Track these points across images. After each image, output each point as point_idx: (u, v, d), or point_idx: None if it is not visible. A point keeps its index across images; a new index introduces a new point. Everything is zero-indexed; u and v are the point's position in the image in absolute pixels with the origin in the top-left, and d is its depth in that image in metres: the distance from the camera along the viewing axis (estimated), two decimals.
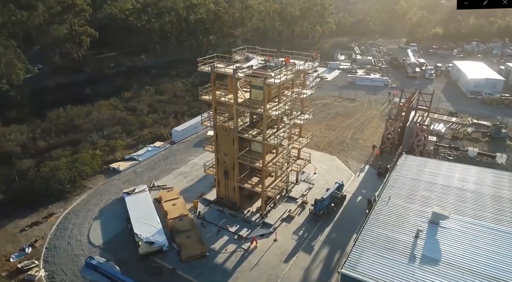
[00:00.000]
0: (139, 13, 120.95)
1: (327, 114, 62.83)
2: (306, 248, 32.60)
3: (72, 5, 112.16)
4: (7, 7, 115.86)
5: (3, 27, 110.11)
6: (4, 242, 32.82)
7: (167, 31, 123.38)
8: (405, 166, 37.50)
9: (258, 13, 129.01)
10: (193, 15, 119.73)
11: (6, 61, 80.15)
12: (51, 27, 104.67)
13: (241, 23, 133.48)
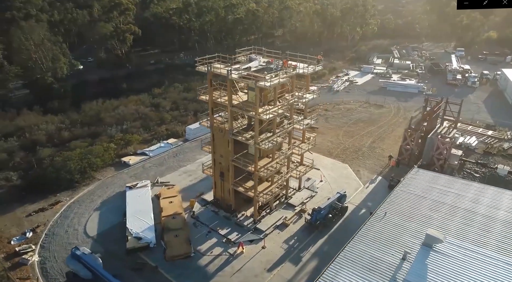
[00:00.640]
0: (181, 12, 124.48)
1: (348, 120, 60.29)
2: (294, 258, 31.37)
3: (118, 4, 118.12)
4: (65, 5, 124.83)
5: (60, 24, 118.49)
6: (10, 225, 35.10)
7: (206, 30, 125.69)
8: (414, 180, 34.86)
9: (296, 14, 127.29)
10: (231, 15, 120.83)
11: (53, 56, 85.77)
12: (98, 25, 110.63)
13: (280, 24, 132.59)
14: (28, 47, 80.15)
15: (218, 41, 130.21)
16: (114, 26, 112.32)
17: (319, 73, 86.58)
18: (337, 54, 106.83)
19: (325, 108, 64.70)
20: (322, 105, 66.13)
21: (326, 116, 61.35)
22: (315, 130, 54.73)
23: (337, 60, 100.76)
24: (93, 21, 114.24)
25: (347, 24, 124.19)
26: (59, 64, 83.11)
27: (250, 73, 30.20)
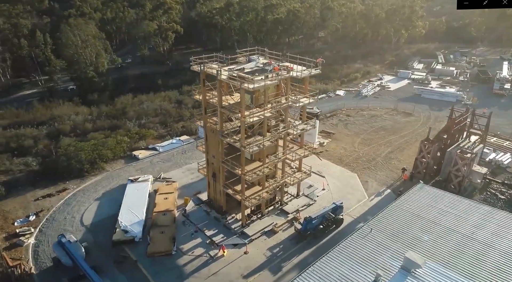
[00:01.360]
0: (222, 12, 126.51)
1: (369, 127, 57.28)
2: (274, 267, 30.39)
3: (162, 3, 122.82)
4: (117, 4, 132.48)
5: (112, 21, 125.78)
6: (18, 207, 37.78)
7: (246, 30, 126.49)
8: (415, 196, 32.19)
9: (338, 15, 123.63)
10: (270, 15, 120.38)
11: (97, 52, 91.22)
12: (143, 23, 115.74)
13: (321, 25, 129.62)
14: (75, 43, 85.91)
15: (258, 42, 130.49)
16: (157, 24, 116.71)
17: (350, 76, 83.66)
18: (376, 57, 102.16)
19: (347, 114, 62.07)
20: (345, 110, 63.53)
21: (346, 122, 58.83)
22: (330, 136, 52.85)
23: (374, 64, 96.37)
24: (139, 19, 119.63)
25: (391, 25, 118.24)
26: (100, 59, 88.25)
27: (239, 74, 29.58)
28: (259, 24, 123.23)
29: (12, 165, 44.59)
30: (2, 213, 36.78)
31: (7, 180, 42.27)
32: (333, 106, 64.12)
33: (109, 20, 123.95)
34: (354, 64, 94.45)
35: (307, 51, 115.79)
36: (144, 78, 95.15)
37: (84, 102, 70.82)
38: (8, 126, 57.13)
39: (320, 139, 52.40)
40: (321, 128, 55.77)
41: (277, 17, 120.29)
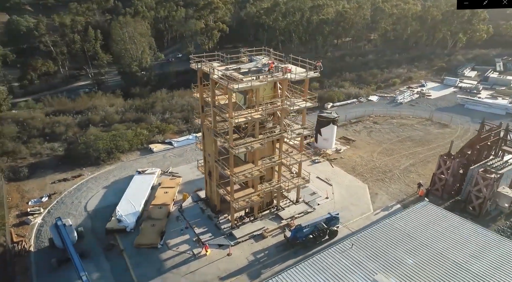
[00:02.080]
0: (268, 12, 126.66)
1: (395, 136, 53.70)
2: (253, 273, 29.71)
3: (210, 3, 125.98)
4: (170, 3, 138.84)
5: (165, 19, 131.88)
6: (36, 188, 40.98)
7: (291, 31, 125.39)
8: (412, 214, 29.64)
9: (389, 16, 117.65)
10: (316, 16, 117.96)
11: (142, 48, 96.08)
12: (190, 21, 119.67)
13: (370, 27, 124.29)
14: (123, 39, 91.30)
15: (303, 43, 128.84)
16: (205, 23, 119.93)
17: (389, 82, 79.12)
18: (424, 62, 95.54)
19: (374, 121, 58.77)
20: (373, 117, 60.23)
21: (371, 130, 55.75)
22: (350, 143, 50.50)
23: (420, 69, 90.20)
24: (187, 18, 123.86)
25: (447, 29, 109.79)
26: (144, 55, 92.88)
27: (226, 74, 29.21)
28: (304, 25, 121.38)
29: (42, 148, 48.53)
30: (21, 192, 40.17)
31: (34, 162, 46.06)
32: (360, 112, 61.12)
33: (162, 19, 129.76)
34: (397, 69, 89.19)
35: (354, 54, 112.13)
36: (185, 75, 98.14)
37: (126, 95, 75.08)
38: (51, 113, 62.27)
39: (338, 146, 50.21)
40: (341, 135, 53.47)
41: (322, 17, 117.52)
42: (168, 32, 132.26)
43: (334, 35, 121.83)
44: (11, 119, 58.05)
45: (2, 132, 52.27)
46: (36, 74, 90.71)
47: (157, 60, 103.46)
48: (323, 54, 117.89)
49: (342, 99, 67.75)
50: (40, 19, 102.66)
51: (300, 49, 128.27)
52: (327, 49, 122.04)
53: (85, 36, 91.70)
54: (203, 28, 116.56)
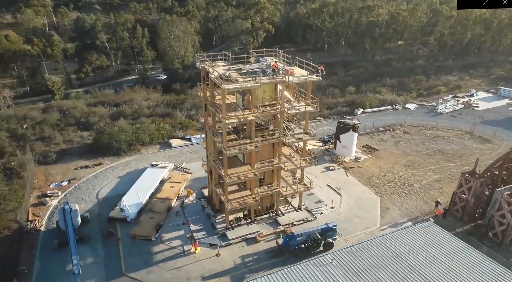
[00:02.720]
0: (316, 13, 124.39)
1: (425, 148, 49.79)
2: (236, 277, 29.34)
3: (257, 3, 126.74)
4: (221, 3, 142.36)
5: (215, 19, 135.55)
6: (60, 172, 44.15)
7: (339, 33, 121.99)
8: (410, 235, 27.28)
9: (446, 19, 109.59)
10: (365, 18, 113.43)
11: (185, 46, 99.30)
12: (236, 21, 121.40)
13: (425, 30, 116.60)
14: (169, 37, 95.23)
15: (350, 45, 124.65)
16: (251, 23, 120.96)
17: (433, 90, 73.56)
18: (480, 70, 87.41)
19: (405, 130, 54.99)
20: (405, 126, 56.40)
21: (399, 139, 52.28)
22: (372, 152, 47.91)
23: (475, 77, 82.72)
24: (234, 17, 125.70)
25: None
26: (186, 53, 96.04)
27: (220, 74, 29.01)
28: (352, 27, 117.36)
29: (74, 136, 52.24)
30: (46, 175, 43.58)
31: (65, 148, 49.71)
32: (391, 121, 57.61)
33: (212, 18, 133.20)
34: (446, 76, 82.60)
35: (402, 58, 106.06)
36: None
37: (168, 90, 78.10)
38: (92, 104, 66.81)
39: (358, 154, 47.78)
40: (365, 143, 50.84)
41: (372, 19, 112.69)
42: (217, 32, 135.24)
43: (384, 38, 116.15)
44: (56, 108, 63.31)
45: (45, 119, 57.20)
46: (91, 67, 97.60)
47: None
48: (370, 57, 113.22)
49: (375, 106, 64.36)
50: (98, 17, 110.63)
51: (347, 51, 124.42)
52: (375, 52, 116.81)
53: (134, 33, 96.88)
54: (248, 28, 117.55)
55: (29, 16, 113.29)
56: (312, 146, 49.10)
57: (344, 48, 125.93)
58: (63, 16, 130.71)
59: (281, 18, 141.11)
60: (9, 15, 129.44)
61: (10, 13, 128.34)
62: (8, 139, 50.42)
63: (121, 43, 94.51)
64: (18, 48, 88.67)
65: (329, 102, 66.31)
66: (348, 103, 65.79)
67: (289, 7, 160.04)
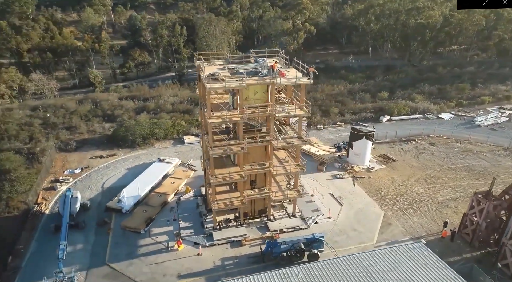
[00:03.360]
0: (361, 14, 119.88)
1: (449, 162, 45.56)
2: (211, 278, 28.91)
3: (299, 3, 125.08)
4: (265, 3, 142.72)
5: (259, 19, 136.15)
6: (76, 160, 46.68)
7: (384, 35, 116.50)
8: (393, 254, 25.05)
9: (507, 22, 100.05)
10: (413, 19, 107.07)
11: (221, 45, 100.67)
12: (277, 21, 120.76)
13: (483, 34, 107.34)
14: (206, 36, 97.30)
15: (396, 48, 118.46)
16: (293, 24, 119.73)
17: (476, 99, 67.19)
18: None
19: (432, 142, 50.77)
20: (433, 137, 52.12)
21: (421, 151, 48.42)
22: (388, 162, 44.98)
23: None
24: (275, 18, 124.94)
25: None
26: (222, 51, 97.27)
27: (208, 74, 28.66)
28: (399, 29, 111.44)
29: (98, 127, 55.07)
30: (64, 162, 46.33)
31: (87, 138, 52.54)
32: (418, 130, 53.53)
33: (256, 18, 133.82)
34: (496, 85, 75.03)
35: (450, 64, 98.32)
36: None
37: None
38: (124, 98, 70.02)
39: (372, 163, 44.99)
40: (383, 152, 47.77)
41: (421, 21, 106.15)
42: (259, 32, 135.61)
43: (435, 42, 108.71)
44: (91, 100, 67.29)
45: (76, 110, 61.00)
46: (133, 63, 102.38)
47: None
48: (417, 62, 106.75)
49: (404, 113, 60.21)
50: (143, 16, 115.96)
51: (392, 55, 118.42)
52: (423, 57, 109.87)
53: (173, 31, 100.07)
54: (289, 28, 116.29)
55: (88, 14, 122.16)
56: (323, 152, 47.15)
57: (389, 51, 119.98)
58: (120, 15, 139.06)
59: (327, 19, 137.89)
60: (75, 13, 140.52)
61: (75, 12, 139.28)
62: (40, 126, 54.54)
63: (160, 41, 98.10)
64: (70, 43, 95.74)
65: (355, 107, 63.33)
66: (376, 110, 62.31)
67: (336, 8, 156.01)
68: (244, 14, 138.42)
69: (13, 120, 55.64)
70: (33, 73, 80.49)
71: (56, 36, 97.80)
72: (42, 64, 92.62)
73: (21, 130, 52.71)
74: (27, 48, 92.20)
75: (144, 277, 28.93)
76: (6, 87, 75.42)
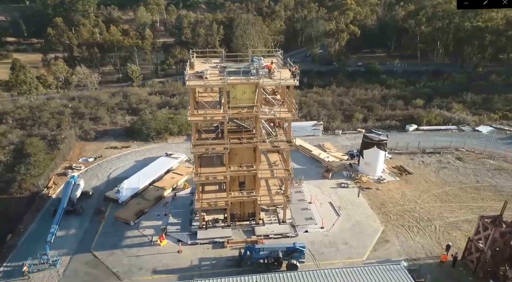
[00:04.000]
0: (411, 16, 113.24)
1: (474, 181, 41.09)
2: (184, 277, 28.53)
3: (343, 4, 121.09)
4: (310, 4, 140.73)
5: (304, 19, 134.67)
6: (92, 149, 48.93)
7: (436, 39, 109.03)
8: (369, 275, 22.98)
9: None
10: (468, 22, 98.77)
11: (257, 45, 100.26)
12: (319, 22, 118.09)
13: None
14: (243, 36, 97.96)
15: (448, 53, 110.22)
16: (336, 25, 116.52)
17: None
18: None
19: (458, 156, 46.07)
20: (462, 151, 47.32)
21: (444, 166, 44.24)
22: (403, 175, 41.75)
23: None
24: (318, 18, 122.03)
25: None
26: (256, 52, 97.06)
27: (189, 72, 28.33)
28: (452, 32, 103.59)
29: (120, 119, 57.43)
30: (81, 150, 48.83)
31: (107, 129, 54.99)
32: (446, 143, 48.94)
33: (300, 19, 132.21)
34: None
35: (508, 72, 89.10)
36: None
37: None
38: (154, 93, 72.51)
39: (385, 175, 41.91)
40: (399, 163, 44.35)
41: (478, 24, 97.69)
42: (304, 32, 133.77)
43: (495, 47, 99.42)
44: (122, 93, 70.59)
45: (105, 102, 64.25)
46: (173, 60, 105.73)
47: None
48: (471, 68, 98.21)
49: (435, 123, 55.41)
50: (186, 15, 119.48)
51: (444, 60, 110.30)
52: (479, 63, 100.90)
53: (209, 30, 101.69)
54: (331, 29, 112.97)
55: (141, 13, 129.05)
56: (333, 158, 44.85)
57: (440, 56, 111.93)
58: (171, 14, 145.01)
59: (377, 20, 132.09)
60: (131, 12, 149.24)
61: (132, 10, 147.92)
62: (69, 115, 58.20)
63: (197, 39, 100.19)
64: (115, 40, 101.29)
65: (382, 114, 59.59)
66: (405, 118, 58.07)
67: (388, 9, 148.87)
68: (287, 14, 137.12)
69: (48, 109, 60.01)
70: (78, 67, 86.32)
71: (103, 33, 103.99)
72: (89, 58, 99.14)
73: (52, 118, 56.64)
74: (77, 43, 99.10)
75: (121, 269, 29.37)
76: (53, 78, 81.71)
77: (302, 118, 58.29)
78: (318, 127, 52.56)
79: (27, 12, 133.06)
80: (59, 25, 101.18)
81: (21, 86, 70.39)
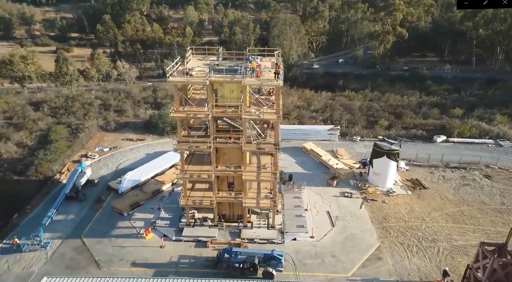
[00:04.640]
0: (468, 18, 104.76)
1: (499, 203, 36.71)
2: (160, 272, 28.56)
3: (390, 4, 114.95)
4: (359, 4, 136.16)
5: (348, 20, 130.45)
6: (110, 140, 50.88)
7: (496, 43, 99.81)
8: None
9: None
10: None
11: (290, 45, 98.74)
12: (363, 23, 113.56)
13: None
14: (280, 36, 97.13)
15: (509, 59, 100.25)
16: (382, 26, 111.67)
17: None
18: None
19: (487, 174, 41.38)
20: (492, 168, 42.48)
21: (467, 183, 40.12)
22: (417, 190, 38.55)
23: None
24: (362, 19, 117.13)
25: None
26: (291, 52, 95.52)
27: (178, 69, 28.08)
28: None
29: (142, 113, 59.31)
30: (100, 140, 51.05)
31: (128, 121, 57.02)
32: (477, 157, 44.13)
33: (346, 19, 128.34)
34: None
35: None
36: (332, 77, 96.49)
37: None
38: None
39: (396, 187, 38.82)
40: (416, 176, 40.85)
41: None
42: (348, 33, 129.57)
43: None
44: (152, 88, 73.04)
45: (133, 96, 66.79)
46: None
47: (307, 59, 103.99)
48: None
49: (468, 136, 50.26)
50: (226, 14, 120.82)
51: (505, 67, 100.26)
52: None
53: (246, 30, 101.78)
54: (377, 31, 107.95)
55: (190, 12, 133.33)
56: (343, 165, 42.43)
57: (500, 62, 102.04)
58: (219, 13, 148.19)
59: (432, 22, 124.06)
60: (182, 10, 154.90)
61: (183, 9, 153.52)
62: (98, 106, 61.32)
63: (232, 38, 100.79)
64: (157, 37, 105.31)
65: (409, 121, 55.43)
66: (437, 128, 53.44)
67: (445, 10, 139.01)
68: (332, 14, 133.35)
69: (81, 99, 63.70)
70: (119, 61, 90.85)
71: (145, 30, 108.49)
72: (132, 54, 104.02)
73: (82, 108, 60.02)
74: (122, 39, 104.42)
75: (104, 258, 30.06)
76: (96, 72, 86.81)
77: (321, 122, 56.17)
78: (335, 132, 50.10)
79: (90, 10, 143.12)
80: (107, 22, 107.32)
81: (63, 78, 75.55)
